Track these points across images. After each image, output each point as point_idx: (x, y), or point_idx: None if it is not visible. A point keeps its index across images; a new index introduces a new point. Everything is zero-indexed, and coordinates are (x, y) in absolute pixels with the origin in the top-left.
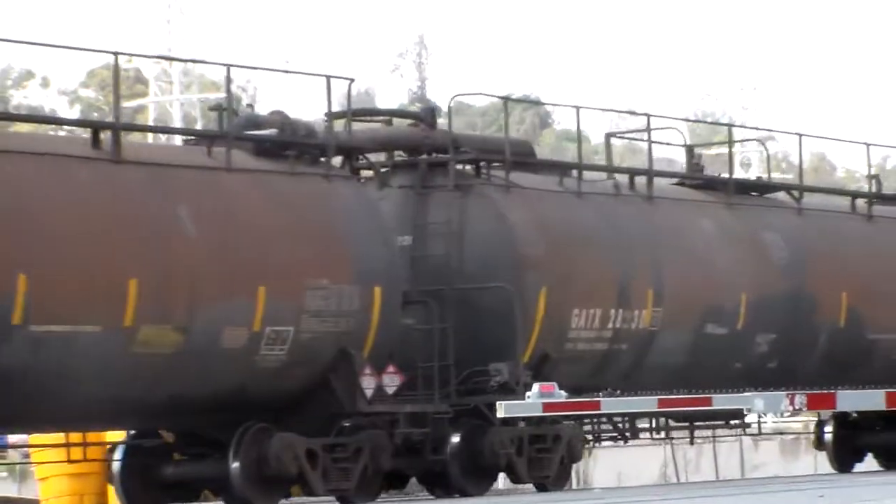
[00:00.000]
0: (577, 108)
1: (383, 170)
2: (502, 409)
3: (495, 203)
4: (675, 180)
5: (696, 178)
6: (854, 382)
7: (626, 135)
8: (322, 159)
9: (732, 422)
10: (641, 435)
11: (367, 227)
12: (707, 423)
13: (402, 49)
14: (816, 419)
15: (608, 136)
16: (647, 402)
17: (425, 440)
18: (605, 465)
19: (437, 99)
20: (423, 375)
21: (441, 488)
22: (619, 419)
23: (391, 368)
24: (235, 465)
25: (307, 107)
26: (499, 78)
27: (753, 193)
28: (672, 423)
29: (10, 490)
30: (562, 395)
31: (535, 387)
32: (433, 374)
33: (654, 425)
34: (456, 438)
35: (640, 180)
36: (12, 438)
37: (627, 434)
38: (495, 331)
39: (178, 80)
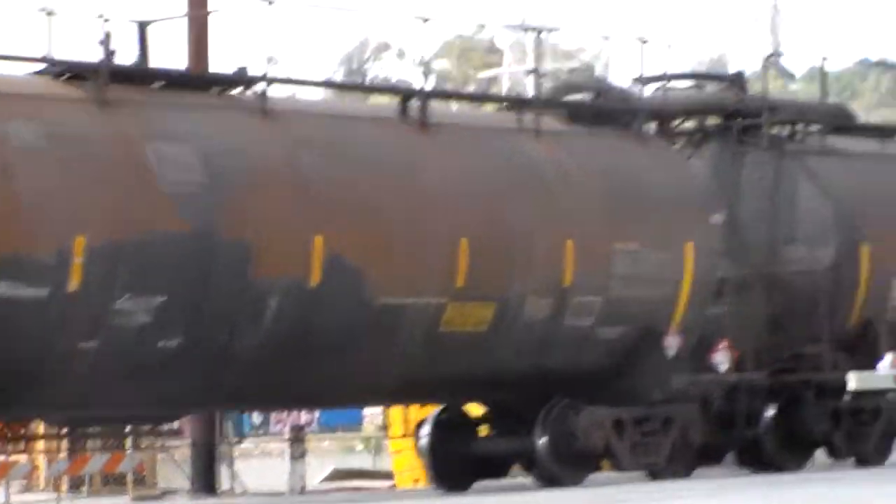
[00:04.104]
0: None
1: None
2: (853, 382)
3: None
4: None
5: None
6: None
7: None
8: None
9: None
10: None
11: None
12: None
13: (756, 13)
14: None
15: None
16: None
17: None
18: None
19: (791, 65)
20: None
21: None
22: None
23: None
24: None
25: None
26: (855, 42)
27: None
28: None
29: (365, 462)
30: None
31: (888, 357)
32: None
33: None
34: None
35: None
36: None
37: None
38: None
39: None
